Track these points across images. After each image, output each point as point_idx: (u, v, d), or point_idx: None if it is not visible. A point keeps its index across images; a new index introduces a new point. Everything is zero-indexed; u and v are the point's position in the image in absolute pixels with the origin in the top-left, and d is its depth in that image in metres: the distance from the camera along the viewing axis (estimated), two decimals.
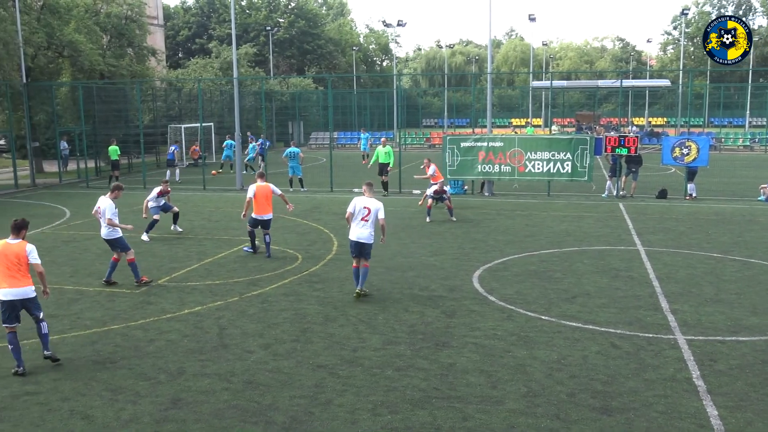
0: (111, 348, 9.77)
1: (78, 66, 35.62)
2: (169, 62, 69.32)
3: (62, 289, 12.89)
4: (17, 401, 8.03)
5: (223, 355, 9.48)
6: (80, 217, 21.67)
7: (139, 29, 41.28)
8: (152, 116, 42.44)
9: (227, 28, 74.13)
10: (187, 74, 54.59)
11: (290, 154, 27.64)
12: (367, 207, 12.04)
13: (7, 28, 29.02)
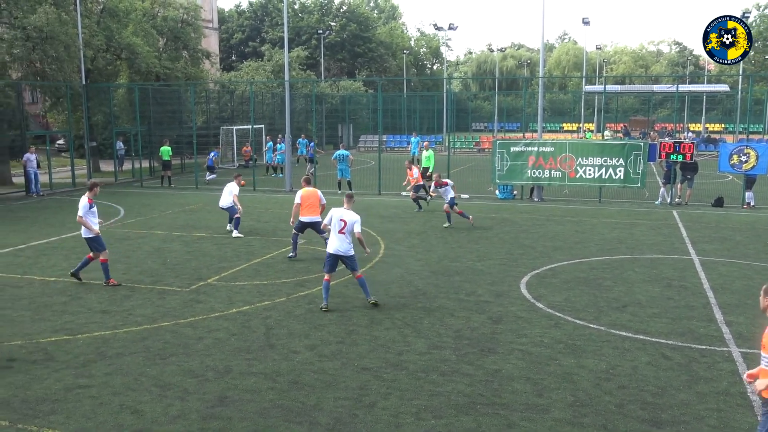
0: (161, 344, 9.97)
1: (135, 68, 36.56)
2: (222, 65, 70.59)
3: (115, 286, 13.21)
4: (70, 394, 8.26)
5: (270, 354, 9.58)
6: (134, 215, 22.20)
7: (194, 32, 42.13)
8: (205, 118, 43.25)
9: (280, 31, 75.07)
10: (240, 77, 55.46)
11: (339, 156, 27.82)
12: (343, 219, 11.64)
13: (68, 31, 29.95)
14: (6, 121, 30.79)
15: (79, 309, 11.75)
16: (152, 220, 21.10)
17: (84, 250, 16.49)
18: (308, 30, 79.88)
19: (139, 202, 25.67)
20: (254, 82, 42.70)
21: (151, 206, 24.31)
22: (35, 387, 8.45)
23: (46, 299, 12.35)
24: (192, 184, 30.37)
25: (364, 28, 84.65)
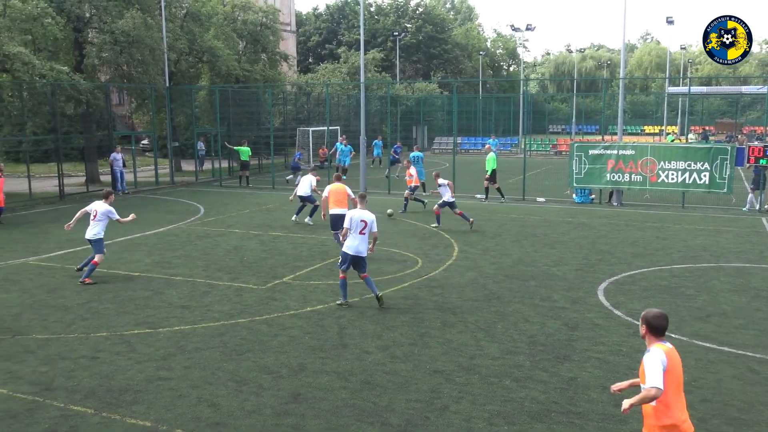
0: (237, 340, 10.22)
1: (216, 71, 37.65)
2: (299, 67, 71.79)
3: (195, 282, 13.63)
4: (151, 385, 8.57)
5: (342, 354, 9.68)
6: (213, 214, 22.83)
7: (272, 35, 43.03)
8: (282, 119, 44.08)
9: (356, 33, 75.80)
10: (316, 79, 56.29)
11: (414, 158, 27.84)
12: (363, 220, 11.89)
13: (153, 35, 31.12)
14: (95, 121, 32.21)
15: (161, 304, 12.17)
16: (230, 219, 21.65)
17: (162, 245, 17.11)
18: (384, 32, 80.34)
19: (218, 201, 26.39)
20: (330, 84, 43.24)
21: (230, 205, 24.95)
22: (119, 377, 8.80)
23: (130, 293, 12.85)
24: (269, 184, 30.99)
25: (439, 30, 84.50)
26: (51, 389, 8.45)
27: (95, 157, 32.21)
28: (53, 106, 27.19)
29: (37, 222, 21.42)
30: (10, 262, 15.58)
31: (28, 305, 12.11)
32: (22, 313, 11.62)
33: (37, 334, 10.51)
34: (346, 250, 11.89)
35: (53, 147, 28.75)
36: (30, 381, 8.69)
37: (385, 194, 28.07)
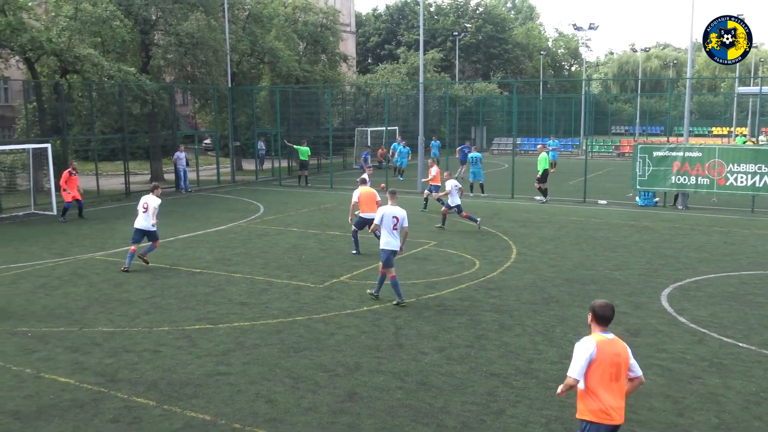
0: (295, 338, 10.35)
1: (276, 71, 38.23)
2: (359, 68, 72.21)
3: (254, 280, 13.86)
4: (211, 379, 8.75)
5: (398, 354, 9.69)
6: (272, 213, 23.17)
7: (332, 36, 43.42)
8: (341, 119, 44.43)
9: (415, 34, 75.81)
10: (375, 79, 56.51)
11: (472, 159, 27.69)
12: (395, 217, 12.06)
13: (216, 36, 31.82)
14: (160, 121, 33.10)
15: (221, 300, 12.42)
16: (289, 218, 21.94)
17: (223, 243, 17.46)
18: (443, 32, 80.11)
19: (277, 200, 26.77)
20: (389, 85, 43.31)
21: (289, 204, 25.28)
22: (180, 371, 9.02)
23: (192, 289, 13.16)
24: (327, 184, 31.26)
25: (500, 30, 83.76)
26: (115, 381, 8.72)
27: (159, 156, 33.10)
28: (120, 106, 28.07)
29: (105, 218, 22.14)
30: (78, 257, 16.16)
31: (95, 299, 12.53)
32: (89, 307, 12.03)
33: (102, 327, 10.87)
34: (383, 247, 12.08)
35: (120, 146, 29.68)
36: (96, 372, 8.99)
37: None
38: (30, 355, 9.64)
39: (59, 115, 27.10)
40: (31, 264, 15.43)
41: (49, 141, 24.77)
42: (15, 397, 8.22)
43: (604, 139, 59.94)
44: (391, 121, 43.08)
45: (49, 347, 9.94)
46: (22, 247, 17.43)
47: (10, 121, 44.60)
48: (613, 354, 5.74)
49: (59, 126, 27.47)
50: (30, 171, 23.78)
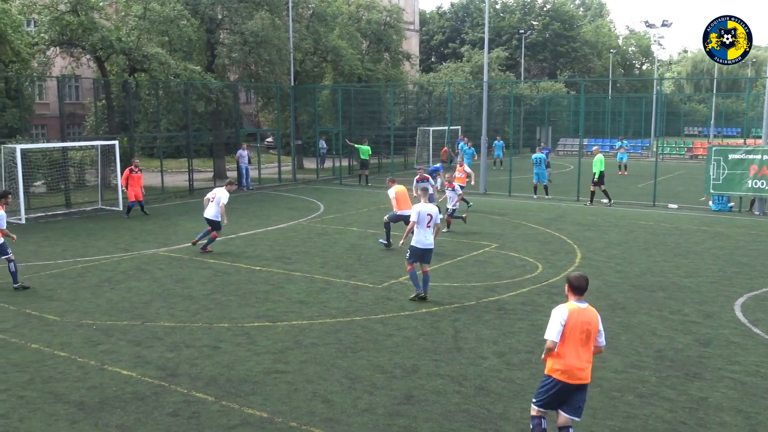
0: (352, 338, 10.40)
1: (339, 70, 38.57)
2: (421, 66, 72.18)
3: (313, 278, 14.00)
4: (268, 377, 8.88)
5: (457, 357, 9.63)
6: (332, 212, 23.37)
7: (396, 35, 43.52)
8: (403, 118, 44.48)
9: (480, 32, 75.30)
10: (439, 78, 56.37)
11: (536, 160, 27.33)
12: (429, 214, 12.29)
13: (281, 35, 32.29)
14: (223, 119, 33.82)
15: (280, 298, 12.59)
16: (349, 217, 22.08)
17: (283, 241, 17.70)
18: (509, 30, 79.31)
19: (337, 199, 26.99)
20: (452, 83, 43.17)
21: (349, 204, 25.45)
22: (238, 368, 9.18)
23: (251, 287, 13.38)
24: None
25: (568, 27, 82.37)
26: (175, 375, 8.93)
27: (222, 154, 33.82)
28: (186, 104, 28.79)
29: (168, 214, 22.74)
30: (143, 252, 16.64)
31: (158, 294, 12.88)
32: (151, 301, 12.37)
33: (164, 322, 11.16)
34: (416, 245, 12.33)
35: (184, 143, 30.44)
36: (157, 366, 9.24)
37: (505, 196, 27.70)
38: (95, 347, 9.97)
39: (127, 113, 27.99)
40: (98, 258, 15.98)
41: (116, 138, 25.63)
42: (80, 388, 8.51)
43: (675, 140, 58.22)
44: (453, 120, 42.86)
45: (112, 340, 10.27)
46: (89, 241, 18.06)
47: (80, 119, 46.36)
48: (584, 321, 6.55)
49: (127, 123, 28.38)
50: (98, 167, 24.64)
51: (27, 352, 9.75)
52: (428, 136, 41.19)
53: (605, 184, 25.28)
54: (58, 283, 13.71)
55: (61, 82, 25.64)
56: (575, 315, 6.56)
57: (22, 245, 17.53)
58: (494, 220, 21.75)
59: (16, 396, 8.28)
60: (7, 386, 8.56)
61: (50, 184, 24.50)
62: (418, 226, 12.32)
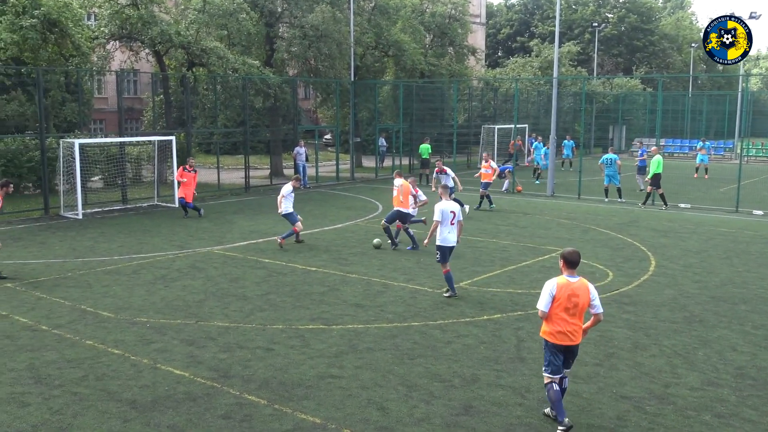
0: (410, 344, 10.40)
1: (401, 65, 38.64)
2: (487, 61, 71.70)
3: (370, 281, 14.06)
4: (322, 382, 8.96)
5: (519, 368, 9.53)
6: None
7: (461, 28, 43.34)
8: (467, 116, 44.28)
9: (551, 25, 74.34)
10: (505, 74, 55.90)
11: (607, 161, 26.81)
12: (452, 211, 12.76)
13: (341, 29, 32.57)
14: (281, 115, 34.31)
15: (336, 300, 12.69)
16: None
17: (340, 241, 17.83)
18: (582, 23, 78.05)
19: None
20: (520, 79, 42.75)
21: None
22: (292, 371, 9.29)
23: (306, 288, 13.53)
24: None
25: (645, 20, 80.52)
26: (228, 376, 9.10)
27: (280, 151, 34.32)
28: (243, 99, 29.32)
29: (224, 212, 23.19)
30: (197, 250, 17.02)
31: (212, 293, 13.15)
32: (205, 300, 12.64)
33: (218, 322, 11.39)
34: (442, 244, 12.75)
35: (241, 140, 30.98)
36: (210, 367, 9.43)
37: (574, 198, 27.27)
38: (148, 345, 10.25)
39: (184, 108, 28.66)
40: (153, 255, 16.42)
41: (173, 134, 26.28)
42: (132, 387, 8.76)
43: (762, 141, 56.25)
44: (520, 118, 42.45)
45: (166, 339, 10.53)
46: (145, 238, 18.57)
47: (138, 113, 47.75)
48: (572, 293, 7.66)
49: (184, 119, 29.06)
50: (155, 163, 25.32)
51: (81, 349, 10.09)
52: (493, 134, 40.89)
53: (662, 187, 24.90)
54: (113, 279, 14.14)
55: (120, 76, 26.45)
56: (563, 287, 7.68)
57: (78, 240, 18.17)
58: (562, 224, 21.43)
59: (70, 392, 8.57)
60: (62, 382, 8.87)
61: (107, 179, 25.31)
62: (441, 224, 12.73)
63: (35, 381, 8.89)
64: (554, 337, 7.73)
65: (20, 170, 25.09)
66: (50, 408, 8.13)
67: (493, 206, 24.10)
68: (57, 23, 23.54)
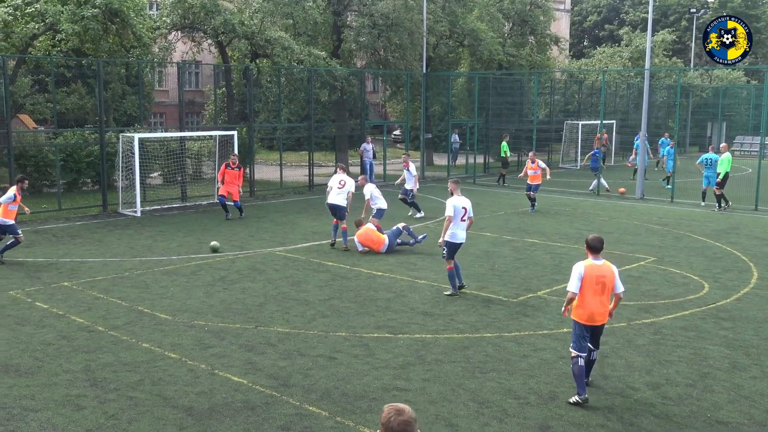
0: (482, 357, 10.34)
1: (477, 55, 38.43)
2: (572, 51, 70.66)
3: (439, 288, 14.04)
4: (387, 394, 8.99)
5: (602, 386, 9.36)
6: None
7: (543, 15, 42.88)
8: (548, 111, 43.74)
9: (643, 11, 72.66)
10: (591, 65, 54.97)
11: (707, 160, 26.03)
12: (464, 207, 13.47)
13: (413, 17, 32.62)
14: (348, 109, 34.60)
15: (402, 308, 12.72)
16: (482, 221, 21.96)
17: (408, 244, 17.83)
18: (678, 9, 76.00)
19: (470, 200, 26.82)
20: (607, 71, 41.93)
21: (482, 205, 25.30)
22: (355, 382, 9.35)
23: (372, 293, 13.60)
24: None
25: (751, 5, 77.82)
26: (288, 385, 9.23)
27: (346, 147, 34.59)
28: (309, 92, 29.70)
29: (286, 212, 23.54)
30: (258, 251, 17.32)
31: (272, 296, 13.36)
32: (265, 304, 12.85)
33: (278, 327, 11.56)
34: (452, 240, 13.31)
35: (306, 135, 31.40)
36: (269, 374, 9.58)
37: (667, 203, 26.62)
38: (206, 350, 10.48)
39: (247, 102, 29.22)
40: (212, 256, 16.79)
41: (235, 128, 26.81)
42: (189, 393, 8.97)
43: None
44: (607, 113, 41.68)
45: (224, 344, 10.75)
46: (204, 237, 19.01)
47: (199, 107, 48.92)
48: (598, 275, 8.85)
49: (246, 113, 29.63)
50: (216, 159, 25.87)
51: (138, 351, 10.40)
52: (577, 131, 40.26)
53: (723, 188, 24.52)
54: (171, 280, 14.52)
55: (182, 68, 27.13)
56: (590, 269, 8.87)
57: (136, 239, 18.73)
58: (653, 229, 20.94)
59: (126, 396, 8.84)
60: (117, 386, 9.16)
61: (166, 175, 26.02)
62: (453, 220, 13.28)
63: (91, 384, 9.21)
64: (586, 318, 8.88)
65: (79, 165, 26.07)
66: (105, 412, 8.41)
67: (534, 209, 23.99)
68: (118, 13, 24.34)
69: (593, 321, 8.89)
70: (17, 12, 23.63)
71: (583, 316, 8.86)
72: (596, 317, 8.88)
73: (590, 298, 8.81)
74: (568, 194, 28.74)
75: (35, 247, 17.47)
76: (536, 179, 23.77)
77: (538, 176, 23.77)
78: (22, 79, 26.83)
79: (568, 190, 30.11)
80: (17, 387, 9.08)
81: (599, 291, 8.84)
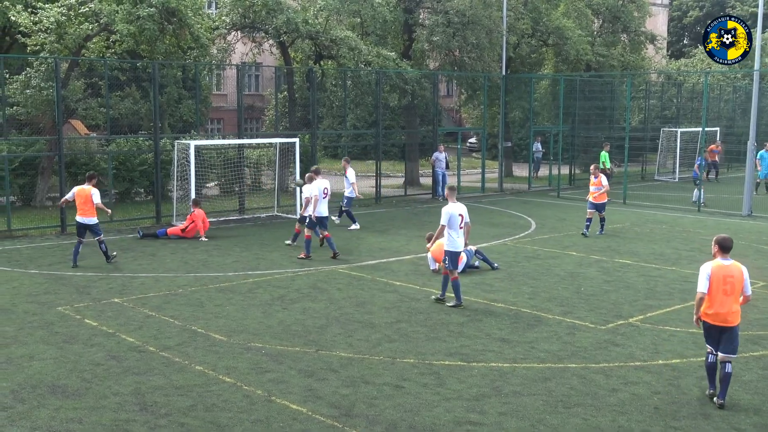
0: (565, 389, 10.18)
1: (562, 56, 38.08)
2: (670, 51, 69.43)
3: (518, 312, 13.91)
4: (459, 428, 8.92)
5: (703, 426, 9.10)
6: (546, 230, 23.08)
7: (638, 11, 42.26)
8: (642, 117, 43.02)
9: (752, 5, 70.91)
10: (692, 65, 53.92)
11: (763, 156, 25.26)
12: (461, 214, 14.02)
13: (492, 14, 32.51)
14: (419, 115, 34.66)
15: (477, 333, 12.64)
16: (567, 239, 21.70)
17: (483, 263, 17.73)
18: None
19: (554, 215, 26.61)
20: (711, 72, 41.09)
21: (568, 221, 25.01)
22: (424, 414, 9.32)
23: (443, 317, 13.55)
24: (618, 198, 30.41)
25: None
26: (351, 416, 9.25)
27: (416, 156, 34.66)
28: (376, 96, 29.88)
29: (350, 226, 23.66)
30: (320, 269, 17.46)
31: (335, 318, 13.44)
32: (327, 326, 12.93)
33: (341, 351, 11.61)
34: (451, 249, 13.95)
35: (373, 143, 31.60)
36: (330, 403, 9.62)
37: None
38: (263, 375, 10.60)
39: (310, 106, 29.56)
40: (270, 272, 17.00)
41: (297, 135, 27.14)
42: (244, 420, 9.08)
43: None
44: (710, 120, 40.76)
45: (282, 368, 10.85)
46: (263, 253, 19.27)
47: (259, 112, 49.73)
48: (726, 275, 9.52)
49: (309, 118, 29.99)
50: (276, 168, 26.21)
51: (190, 375, 10.58)
52: (675, 139, 39.44)
53: None
54: (227, 298, 14.76)
55: (241, 70, 27.66)
56: (718, 270, 9.53)
57: (190, 253, 19.11)
58: (762, 251, 20.34)
59: (177, 423, 9.00)
60: (169, 410, 9.33)
61: (223, 185, 26.49)
62: (449, 228, 13.90)
63: (140, 408, 9.41)
64: (712, 318, 9.56)
65: (132, 174, 26.78)
66: None
67: (600, 232, 22.46)
68: (176, 12, 24.91)
69: (720, 321, 9.51)
70: (71, 12, 24.40)
71: (710, 314, 9.54)
72: (725, 317, 9.50)
73: (718, 298, 9.47)
74: (665, 209, 28.11)
75: (84, 261, 17.98)
76: (601, 197, 22.15)
77: (603, 194, 22.18)
78: (75, 83, 27.70)
79: (663, 204, 29.49)
80: (64, 409, 9.33)
81: (728, 291, 9.47)
